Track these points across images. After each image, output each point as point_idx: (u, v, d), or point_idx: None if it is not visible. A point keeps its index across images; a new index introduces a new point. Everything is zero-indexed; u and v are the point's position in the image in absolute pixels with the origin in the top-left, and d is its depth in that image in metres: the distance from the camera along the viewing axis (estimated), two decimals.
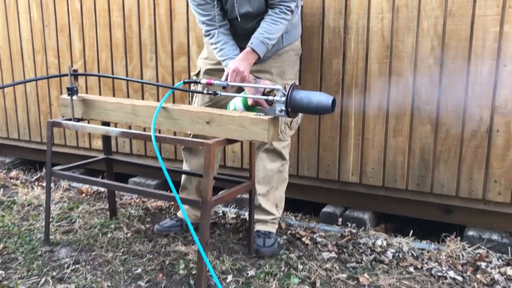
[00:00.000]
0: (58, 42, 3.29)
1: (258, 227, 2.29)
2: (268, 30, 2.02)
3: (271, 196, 2.30)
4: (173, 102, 2.91)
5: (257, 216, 2.27)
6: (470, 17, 2.15)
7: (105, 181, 2.39)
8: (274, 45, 2.11)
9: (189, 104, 2.55)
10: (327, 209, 2.64)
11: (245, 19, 2.08)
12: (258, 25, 2.05)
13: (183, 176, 2.44)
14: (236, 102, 1.99)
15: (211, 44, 2.12)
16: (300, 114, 2.17)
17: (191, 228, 1.76)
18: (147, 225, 2.50)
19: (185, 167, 2.42)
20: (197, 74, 2.30)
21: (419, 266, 2.09)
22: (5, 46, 3.53)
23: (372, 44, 2.36)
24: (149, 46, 2.95)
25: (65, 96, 2.20)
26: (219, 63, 2.15)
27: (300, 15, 2.29)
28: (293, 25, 2.19)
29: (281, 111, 1.74)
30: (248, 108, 1.94)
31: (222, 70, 2.07)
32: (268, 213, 2.30)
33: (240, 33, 2.13)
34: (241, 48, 2.06)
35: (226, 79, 1.92)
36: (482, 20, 2.13)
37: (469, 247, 2.25)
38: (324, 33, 2.46)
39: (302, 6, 2.41)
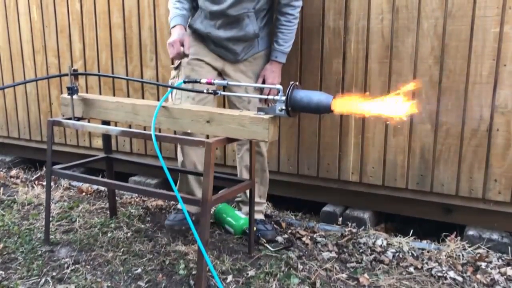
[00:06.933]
0: (58, 43, 3.29)
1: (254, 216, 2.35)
2: (286, 39, 2.22)
3: (257, 189, 2.40)
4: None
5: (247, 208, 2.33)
6: (470, 18, 2.16)
7: (105, 180, 2.39)
8: (251, 49, 2.25)
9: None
10: (327, 208, 2.64)
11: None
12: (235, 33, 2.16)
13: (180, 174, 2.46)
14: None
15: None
16: None
17: (191, 226, 1.75)
18: (147, 224, 2.50)
19: (180, 158, 2.42)
20: (177, 67, 2.32)
21: (419, 266, 2.09)
22: (5, 46, 3.53)
23: (372, 44, 2.36)
24: (149, 47, 2.95)
25: (65, 95, 2.21)
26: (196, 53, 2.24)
27: None
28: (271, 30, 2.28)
29: (281, 110, 1.75)
30: None
31: (201, 60, 2.22)
32: (258, 204, 2.41)
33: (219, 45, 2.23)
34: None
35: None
36: (482, 21, 2.14)
37: (469, 246, 2.25)
38: (324, 34, 2.46)
39: (302, 7, 2.42)
